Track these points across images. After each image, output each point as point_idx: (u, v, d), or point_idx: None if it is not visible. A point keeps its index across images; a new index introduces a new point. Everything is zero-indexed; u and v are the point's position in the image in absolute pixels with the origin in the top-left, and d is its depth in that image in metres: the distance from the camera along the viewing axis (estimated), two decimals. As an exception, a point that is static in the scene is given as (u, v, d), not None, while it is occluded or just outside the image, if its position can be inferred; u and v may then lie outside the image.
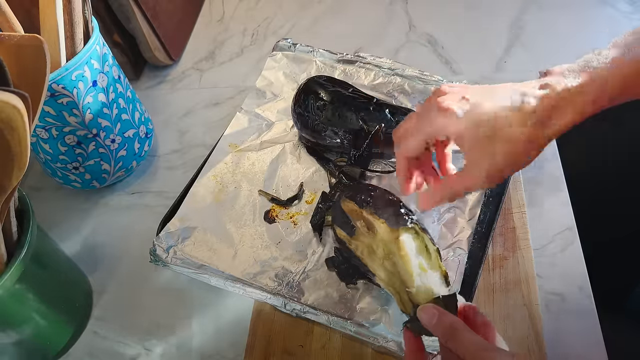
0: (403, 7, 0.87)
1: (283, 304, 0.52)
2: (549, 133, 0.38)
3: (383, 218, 0.48)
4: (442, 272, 0.45)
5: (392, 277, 0.47)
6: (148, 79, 0.82)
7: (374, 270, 0.49)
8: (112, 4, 0.73)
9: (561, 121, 0.38)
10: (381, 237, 0.48)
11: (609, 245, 0.67)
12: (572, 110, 0.38)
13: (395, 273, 0.46)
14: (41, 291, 0.49)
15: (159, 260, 0.56)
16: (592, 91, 0.37)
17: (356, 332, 0.49)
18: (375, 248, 0.49)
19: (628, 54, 0.38)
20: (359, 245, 0.50)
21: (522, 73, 0.72)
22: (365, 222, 0.50)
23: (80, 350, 0.55)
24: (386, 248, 0.48)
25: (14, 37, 0.41)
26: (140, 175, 0.70)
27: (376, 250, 0.48)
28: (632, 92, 0.38)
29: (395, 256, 0.46)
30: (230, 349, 0.53)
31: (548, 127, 0.38)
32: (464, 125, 0.39)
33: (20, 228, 0.46)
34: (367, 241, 0.50)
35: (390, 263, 0.47)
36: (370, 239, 0.49)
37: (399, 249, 0.46)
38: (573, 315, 0.51)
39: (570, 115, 0.38)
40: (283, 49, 0.75)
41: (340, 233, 0.52)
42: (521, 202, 0.58)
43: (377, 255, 0.48)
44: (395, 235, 0.47)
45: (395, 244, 0.47)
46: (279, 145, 0.66)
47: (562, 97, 0.38)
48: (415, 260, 0.45)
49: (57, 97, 0.55)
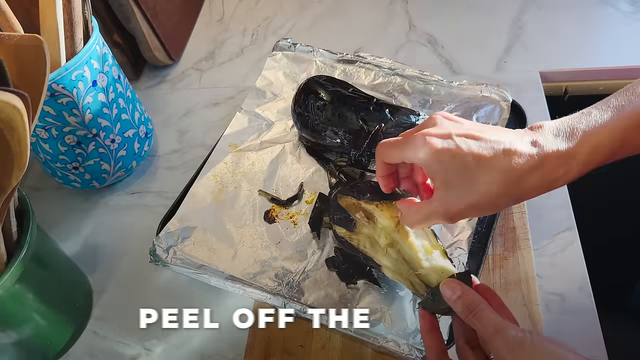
0: (403, 7, 0.87)
1: (283, 304, 0.52)
2: (526, 188, 0.37)
3: (381, 205, 0.49)
4: (442, 251, 0.46)
5: (398, 264, 0.47)
6: (148, 79, 0.82)
7: (379, 261, 0.49)
8: (112, 4, 0.73)
9: (539, 180, 0.36)
10: (382, 226, 0.48)
11: (609, 244, 0.67)
12: (558, 171, 0.36)
13: (400, 259, 0.47)
14: (41, 291, 0.49)
15: (158, 261, 0.56)
16: (584, 153, 0.36)
17: (356, 332, 0.49)
18: (377, 238, 0.49)
19: (629, 106, 0.36)
20: (360, 238, 0.51)
21: (522, 73, 0.73)
22: (364, 213, 0.50)
23: (80, 350, 0.55)
24: (388, 236, 0.48)
25: (14, 37, 0.41)
26: (140, 175, 0.70)
27: (378, 239, 0.49)
28: (632, 145, 0.36)
29: (399, 243, 0.47)
30: (230, 349, 0.53)
31: (524, 182, 0.37)
32: (438, 159, 0.38)
33: (20, 228, 0.46)
34: (368, 232, 0.50)
35: (395, 250, 0.47)
36: (371, 229, 0.49)
37: (402, 235, 0.46)
38: (573, 315, 0.51)
39: (551, 176, 0.36)
40: (283, 49, 0.75)
41: (340, 231, 0.52)
42: (521, 202, 0.58)
43: (380, 244, 0.48)
44: (395, 220, 0.47)
45: (396, 230, 0.47)
46: (279, 145, 0.66)
47: (549, 157, 0.36)
48: (419, 243, 0.46)
49: (57, 97, 0.55)
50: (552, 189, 0.37)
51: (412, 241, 0.46)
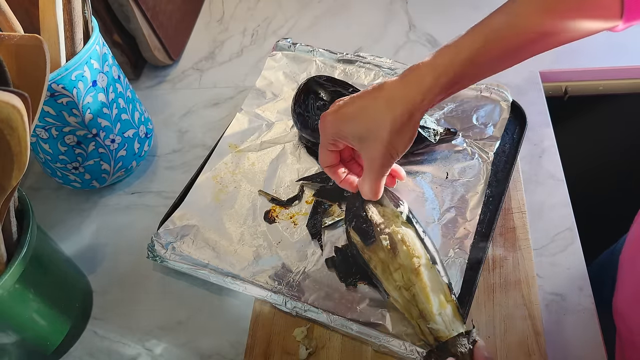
0: (403, 7, 0.87)
1: (283, 302, 0.52)
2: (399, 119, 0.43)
3: (408, 241, 0.49)
4: (454, 306, 0.46)
5: (409, 305, 0.47)
6: (148, 79, 0.82)
7: (388, 290, 0.49)
8: (112, 4, 0.73)
9: (404, 107, 0.43)
10: (401, 263, 0.48)
11: (609, 244, 0.67)
12: (416, 98, 0.43)
13: (413, 302, 0.47)
14: (41, 291, 0.49)
15: (156, 256, 0.56)
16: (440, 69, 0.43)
17: (358, 331, 0.49)
18: (392, 270, 0.48)
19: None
20: (373, 257, 0.50)
21: (522, 73, 0.73)
22: (389, 240, 0.49)
23: (80, 350, 0.55)
24: (405, 275, 0.47)
25: (14, 37, 0.41)
26: (140, 175, 0.70)
27: (393, 273, 0.48)
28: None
29: (415, 289, 0.47)
30: (230, 349, 0.53)
31: (396, 113, 0.43)
32: (337, 128, 0.47)
33: (20, 228, 0.46)
34: (384, 258, 0.49)
35: (409, 293, 0.47)
36: (389, 258, 0.49)
37: (419, 281, 0.47)
38: (573, 315, 0.51)
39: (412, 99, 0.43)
40: (283, 49, 0.75)
41: (355, 237, 0.52)
42: (521, 202, 0.58)
43: (395, 279, 0.48)
44: (417, 263, 0.47)
45: (416, 275, 0.47)
46: (279, 145, 0.66)
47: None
48: (435, 298, 0.46)
49: (57, 97, 0.55)
50: (420, 102, 0.43)
51: (428, 293, 0.46)
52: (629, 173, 0.88)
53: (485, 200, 0.57)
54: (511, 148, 0.62)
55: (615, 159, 0.92)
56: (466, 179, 0.59)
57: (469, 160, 0.61)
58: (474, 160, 0.61)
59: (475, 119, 0.64)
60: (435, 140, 0.60)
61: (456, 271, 0.52)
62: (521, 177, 0.60)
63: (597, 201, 0.86)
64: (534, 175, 0.61)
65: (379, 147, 0.44)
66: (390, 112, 0.43)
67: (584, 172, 0.77)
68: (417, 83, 0.43)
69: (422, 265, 0.47)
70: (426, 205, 0.58)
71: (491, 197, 0.58)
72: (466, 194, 0.58)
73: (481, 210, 0.56)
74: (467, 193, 0.58)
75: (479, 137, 0.63)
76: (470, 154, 0.61)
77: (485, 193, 0.58)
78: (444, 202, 0.58)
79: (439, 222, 0.56)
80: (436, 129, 0.60)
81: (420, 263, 0.47)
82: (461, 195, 0.58)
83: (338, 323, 0.50)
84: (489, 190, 0.59)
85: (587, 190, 0.68)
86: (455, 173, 0.60)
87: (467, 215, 0.56)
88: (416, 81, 0.43)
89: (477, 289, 0.51)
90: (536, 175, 0.61)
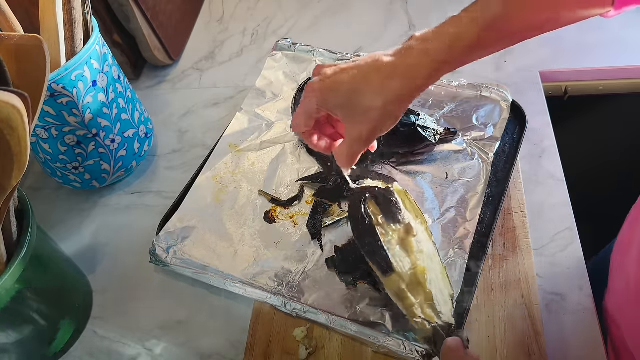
0: (403, 7, 0.87)
1: (283, 304, 0.52)
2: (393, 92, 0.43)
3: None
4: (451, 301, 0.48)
5: (417, 286, 0.48)
6: (148, 79, 0.82)
7: (397, 269, 0.48)
8: (112, 4, 0.73)
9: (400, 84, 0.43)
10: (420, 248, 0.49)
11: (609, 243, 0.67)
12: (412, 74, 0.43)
13: (422, 282, 0.47)
14: (41, 291, 0.49)
15: (159, 261, 0.56)
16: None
17: (357, 331, 0.49)
18: (409, 252, 0.49)
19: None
20: (387, 285, 0.49)
21: (522, 73, 0.73)
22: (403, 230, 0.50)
23: (80, 350, 0.55)
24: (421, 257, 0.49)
25: (14, 37, 0.41)
26: (140, 175, 0.70)
27: (410, 255, 0.49)
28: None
29: (431, 273, 0.48)
30: (230, 349, 0.53)
31: (390, 89, 0.43)
32: (323, 98, 0.45)
33: (20, 228, 0.46)
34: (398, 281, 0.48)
35: (421, 274, 0.48)
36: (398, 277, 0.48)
37: (438, 266, 0.49)
38: (573, 315, 0.51)
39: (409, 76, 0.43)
40: (283, 49, 0.75)
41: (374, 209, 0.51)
42: (521, 202, 0.58)
43: (409, 301, 0.47)
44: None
45: (430, 259, 0.49)
46: (279, 145, 0.66)
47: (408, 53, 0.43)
48: (447, 283, 0.49)
49: (57, 97, 0.55)
50: (414, 90, 0.43)
51: (445, 276, 0.49)
52: (629, 173, 0.88)
53: (485, 200, 0.57)
54: (511, 148, 0.62)
55: (615, 159, 0.92)
56: (466, 179, 0.59)
57: (469, 160, 0.61)
58: (474, 160, 0.61)
59: (475, 119, 0.64)
60: (435, 140, 0.60)
61: (456, 271, 0.52)
62: (521, 177, 0.60)
63: (597, 201, 0.86)
64: (534, 175, 0.61)
65: (367, 124, 0.44)
66: (384, 94, 0.43)
67: (584, 172, 0.77)
68: (412, 68, 0.43)
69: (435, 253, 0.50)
70: (426, 205, 0.58)
71: (491, 197, 0.58)
72: (466, 194, 0.58)
73: (481, 210, 0.56)
74: (467, 193, 0.58)
75: (479, 137, 0.63)
76: (470, 154, 0.61)
77: (485, 193, 0.58)
78: (444, 202, 0.58)
79: (439, 222, 0.56)
80: (436, 129, 0.60)
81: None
82: (461, 195, 0.58)
83: (337, 324, 0.50)
84: (489, 190, 0.59)
85: (587, 190, 0.68)
86: (455, 173, 0.60)
87: (467, 215, 0.56)
88: (413, 64, 0.43)
89: (477, 289, 0.51)
90: (536, 175, 0.61)
